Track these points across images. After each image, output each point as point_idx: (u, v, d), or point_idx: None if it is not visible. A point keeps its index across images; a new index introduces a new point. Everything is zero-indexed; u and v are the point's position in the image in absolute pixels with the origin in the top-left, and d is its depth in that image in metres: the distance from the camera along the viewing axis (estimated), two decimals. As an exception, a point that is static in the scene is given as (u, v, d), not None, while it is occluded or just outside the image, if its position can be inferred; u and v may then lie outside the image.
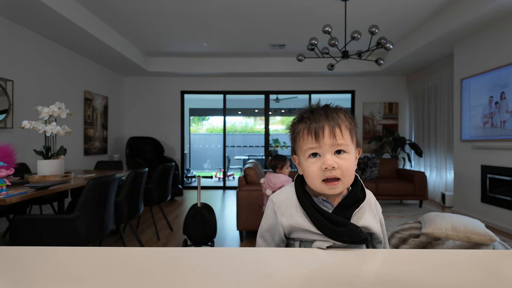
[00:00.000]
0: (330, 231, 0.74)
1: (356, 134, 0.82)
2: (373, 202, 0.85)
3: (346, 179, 0.77)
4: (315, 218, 0.76)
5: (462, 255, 0.73)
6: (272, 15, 4.45)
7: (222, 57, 6.56)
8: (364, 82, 7.07)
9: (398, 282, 0.56)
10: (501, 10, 3.54)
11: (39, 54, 4.33)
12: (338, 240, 0.74)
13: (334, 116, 0.78)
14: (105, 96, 6.20)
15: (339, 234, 0.74)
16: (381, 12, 4.32)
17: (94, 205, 2.28)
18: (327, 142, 0.75)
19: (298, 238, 0.79)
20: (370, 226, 0.79)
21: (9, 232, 2.15)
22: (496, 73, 3.96)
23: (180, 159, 7.22)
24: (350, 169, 0.77)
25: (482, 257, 0.71)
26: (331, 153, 0.76)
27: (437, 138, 5.80)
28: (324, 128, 0.76)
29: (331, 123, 0.77)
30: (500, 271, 0.64)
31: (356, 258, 0.68)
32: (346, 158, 0.77)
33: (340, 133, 0.76)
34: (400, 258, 0.71)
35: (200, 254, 0.71)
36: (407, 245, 2.11)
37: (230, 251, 0.75)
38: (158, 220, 4.26)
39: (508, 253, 0.71)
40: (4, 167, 1.88)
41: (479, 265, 0.67)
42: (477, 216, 4.13)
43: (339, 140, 0.76)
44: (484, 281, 0.58)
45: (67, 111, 2.83)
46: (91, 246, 2.31)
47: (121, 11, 4.30)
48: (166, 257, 0.68)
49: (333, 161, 0.75)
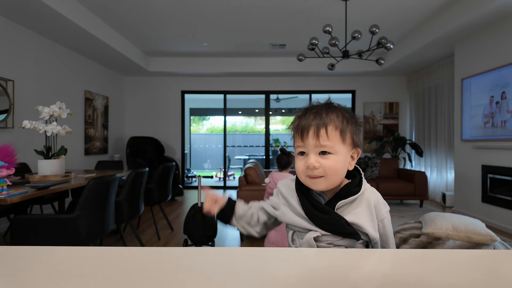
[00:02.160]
0: (314, 217, 0.79)
1: (353, 133, 0.81)
2: (373, 201, 0.82)
3: (330, 177, 0.78)
4: (304, 204, 0.81)
5: (462, 255, 0.73)
6: (272, 15, 4.45)
7: (223, 57, 6.56)
8: (364, 82, 7.06)
9: (399, 282, 0.56)
10: (502, 9, 3.53)
11: (39, 54, 4.33)
12: (321, 227, 0.78)
13: (323, 115, 0.78)
14: (106, 96, 6.20)
15: (321, 220, 0.78)
16: (382, 12, 4.31)
17: (95, 205, 2.29)
18: (311, 143, 0.77)
19: (291, 225, 0.85)
20: (360, 224, 0.78)
21: (10, 232, 2.15)
22: (497, 73, 3.95)
23: (180, 159, 7.22)
24: (334, 168, 0.77)
25: (482, 257, 0.71)
26: (315, 153, 0.78)
27: (437, 138, 5.79)
28: (309, 128, 0.78)
29: (317, 122, 0.77)
30: (501, 271, 0.64)
31: (356, 258, 0.68)
32: (330, 158, 0.77)
33: (325, 134, 0.77)
34: (401, 258, 0.71)
35: (201, 254, 0.71)
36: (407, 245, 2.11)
37: (230, 251, 0.75)
38: (159, 220, 4.26)
39: (509, 253, 0.71)
40: (4, 167, 1.89)
41: (479, 265, 0.66)
42: (478, 216, 4.13)
43: (323, 141, 0.76)
44: (485, 281, 0.58)
45: (68, 111, 2.83)
46: (91, 246, 2.31)
47: (122, 11, 4.30)
48: (166, 257, 0.68)
49: (315, 161, 0.77)
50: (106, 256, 0.69)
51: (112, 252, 0.71)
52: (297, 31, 5.04)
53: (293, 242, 0.85)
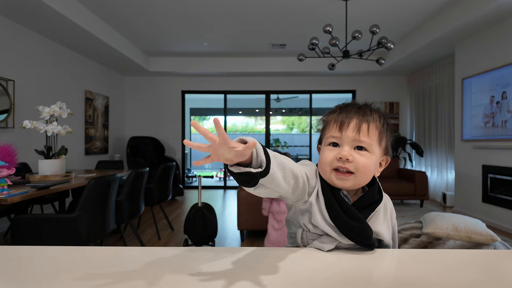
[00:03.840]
0: (342, 222, 0.70)
1: (388, 140, 0.78)
2: (389, 207, 0.81)
3: (360, 176, 0.73)
4: (331, 204, 0.72)
5: (463, 255, 0.73)
6: (273, 15, 4.45)
7: (223, 57, 6.56)
8: (365, 82, 7.06)
9: (399, 282, 0.56)
10: (503, 9, 3.53)
11: (40, 54, 4.33)
12: (347, 235, 0.70)
13: (366, 112, 0.75)
14: (106, 96, 6.20)
15: (350, 228, 0.69)
16: (382, 12, 4.31)
17: (95, 204, 2.29)
18: (350, 135, 0.73)
19: (303, 227, 0.75)
20: (381, 233, 0.75)
21: (10, 231, 2.15)
22: (498, 73, 3.95)
23: (181, 158, 7.23)
24: (367, 167, 0.73)
25: (483, 257, 0.71)
26: (350, 146, 0.73)
27: (438, 138, 5.79)
28: (351, 120, 0.74)
29: (360, 117, 0.74)
30: (501, 270, 0.63)
31: (356, 258, 0.68)
32: (365, 155, 0.73)
33: (366, 129, 0.73)
34: (401, 258, 0.71)
35: (201, 254, 0.71)
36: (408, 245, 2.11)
37: (230, 251, 0.75)
38: (159, 219, 4.27)
39: (509, 252, 0.71)
40: (5, 167, 1.89)
41: (480, 265, 0.66)
42: (478, 216, 4.13)
43: (363, 136, 0.72)
44: (485, 281, 0.58)
45: (68, 111, 2.83)
46: (92, 245, 2.31)
47: (122, 11, 4.30)
48: (167, 256, 0.68)
49: (349, 154, 0.72)
50: (106, 256, 0.69)
51: (113, 252, 0.71)
52: (298, 31, 5.04)
53: (302, 242, 0.77)
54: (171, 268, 0.62)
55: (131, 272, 0.60)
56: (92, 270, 0.61)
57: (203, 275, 0.59)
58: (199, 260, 0.67)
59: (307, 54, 4.63)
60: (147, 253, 0.70)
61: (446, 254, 0.73)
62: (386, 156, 0.79)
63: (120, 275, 0.58)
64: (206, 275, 0.59)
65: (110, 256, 0.69)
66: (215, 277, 0.58)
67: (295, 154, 10.41)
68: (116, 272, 0.60)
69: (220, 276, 0.58)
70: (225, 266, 0.64)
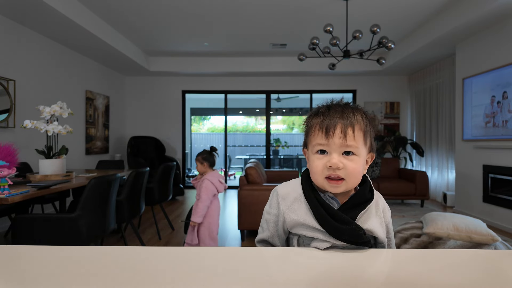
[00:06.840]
0: (332, 227, 0.72)
1: (371, 138, 0.79)
2: (381, 205, 0.82)
3: (350, 180, 0.74)
4: (318, 213, 0.74)
5: (463, 255, 0.73)
6: (273, 15, 4.45)
7: (223, 57, 6.56)
8: (365, 82, 7.05)
9: (400, 282, 0.56)
10: (503, 9, 3.52)
11: (40, 54, 4.33)
12: (339, 239, 0.72)
13: (349, 115, 0.75)
14: (107, 96, 6.21)
15: (340, 232, 0.71)
16: (383, 12, 4.31)
17: (96, 204, 2.29)
18: (337, 142, 0.73)
19: (298, 234, 0.78)
20: (374, 230, 0.76)
21: (11, 231, 2.15)
22: (498, 73, 3.94)
23: (181, 158, 7.23)
24: (356, 171, 0.74)
25: (483, 256, 0.71)
26: (338, 153, 0.74)
27: (438, 138, 5.78)
28: (336, 126, 0.74)
29: (345, 122, 0.74)
30: (502, 270, 0.63)
31: (357, 258, 0.68)
32: (353, 159, 0.74)
33: (352, 134, 0.74)
34: (402, 258, 0.71)
35: (201, 253, 0.71)
36: (408, 244, 2.11)
37: (231, 251, 0.75)
38: (159, 219, 4.27)
39: (510, 252, 0.71)
40: (6, 167, 1.89)
41: (480, 265, 0.66)
42: (479, 216, 4.12)
43: (349, 141, 0.73)
44: (486, 281, 0.58)
45: (69, 111, 2.83)
46: (92, 245, 2.32)
47: (123, 10, 4.30)
48: (167, 256, 0.68)
49: (339, 161, 0.73)
50: (107, 256, 0.69)
51: (113, 252, 0.71)
52: (298, 30, 5.03)
53: (298, 246, 0.80)
54: (171, 268, 0.62)
55: (132, 272, 0.60)
56: (93, 270, 0.61)
57: (203, 275, 0.59)
58: (200, 260, 0.67)
59: (308, 54, 4.63)
60: (148, 253, 0.70)
61: (446, 254, 0.73)
62: (371, 153, 0.81)
63: (120, 275, 0.58)
64: (206, 275, 0.59)
65: (110, 256, 0.69)
66: (215, 277, 0.58)
67: (295, 154, 10.42)
68: (116, 272, 0.60)
69: (220, 276, 0.58)
70: (226, 266, 0.64)
